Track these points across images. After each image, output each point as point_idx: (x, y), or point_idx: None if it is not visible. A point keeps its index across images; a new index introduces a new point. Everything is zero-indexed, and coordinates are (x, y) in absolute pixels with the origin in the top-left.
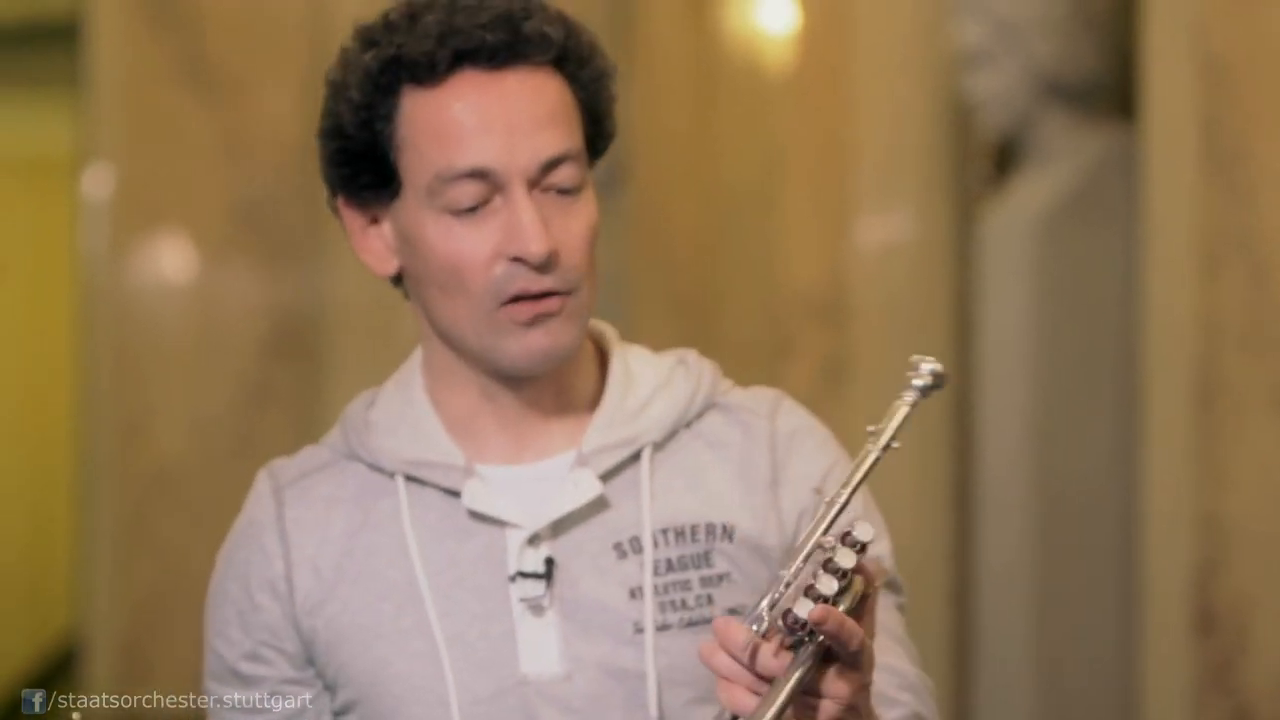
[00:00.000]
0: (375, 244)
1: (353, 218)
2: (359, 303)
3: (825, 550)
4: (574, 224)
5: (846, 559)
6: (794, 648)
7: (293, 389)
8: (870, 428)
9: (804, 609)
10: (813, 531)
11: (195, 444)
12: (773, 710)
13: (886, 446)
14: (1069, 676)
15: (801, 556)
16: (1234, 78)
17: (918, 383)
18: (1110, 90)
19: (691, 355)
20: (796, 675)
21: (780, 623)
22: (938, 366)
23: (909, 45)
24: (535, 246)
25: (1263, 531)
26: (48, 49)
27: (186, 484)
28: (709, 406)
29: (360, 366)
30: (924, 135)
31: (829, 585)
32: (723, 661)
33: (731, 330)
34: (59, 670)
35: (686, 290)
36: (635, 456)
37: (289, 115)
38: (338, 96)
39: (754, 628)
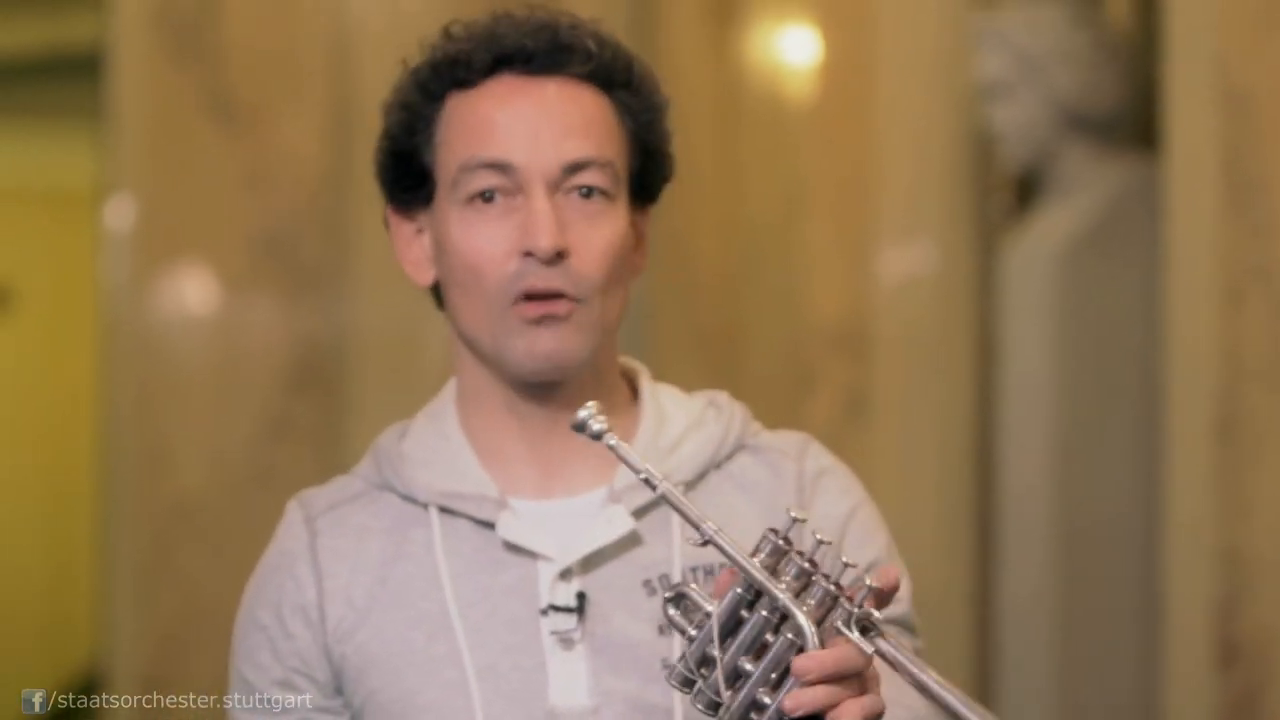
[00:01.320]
0: (417, 253)
1: (399, 226)
2: (380, 335)
3: (778, 549)
4: (595, 233)
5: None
6: (863, 630)
7: (313, 421)
8: (641, 476)
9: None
10: (737, 563)
11: (216, 476)
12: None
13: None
14: (1092, 709)
15: (769, 576)
16: (1255, 110)
17: (597, 427)
18: (1131, 122)
19: (723, 397)
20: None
21: (850, 614)
22: (590, 406)
23: (930, 78)
24: (544, 241)
25: None
26: (70, 80)
27: (207, 515)
28: (739, 448)
29: (381, 399)
30: (945, 167)
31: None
32: (828, 691)
33: (754, 362)
34: (80, 704)
35: (709, 323)
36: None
37: (311, 147)
38: (391, 105)
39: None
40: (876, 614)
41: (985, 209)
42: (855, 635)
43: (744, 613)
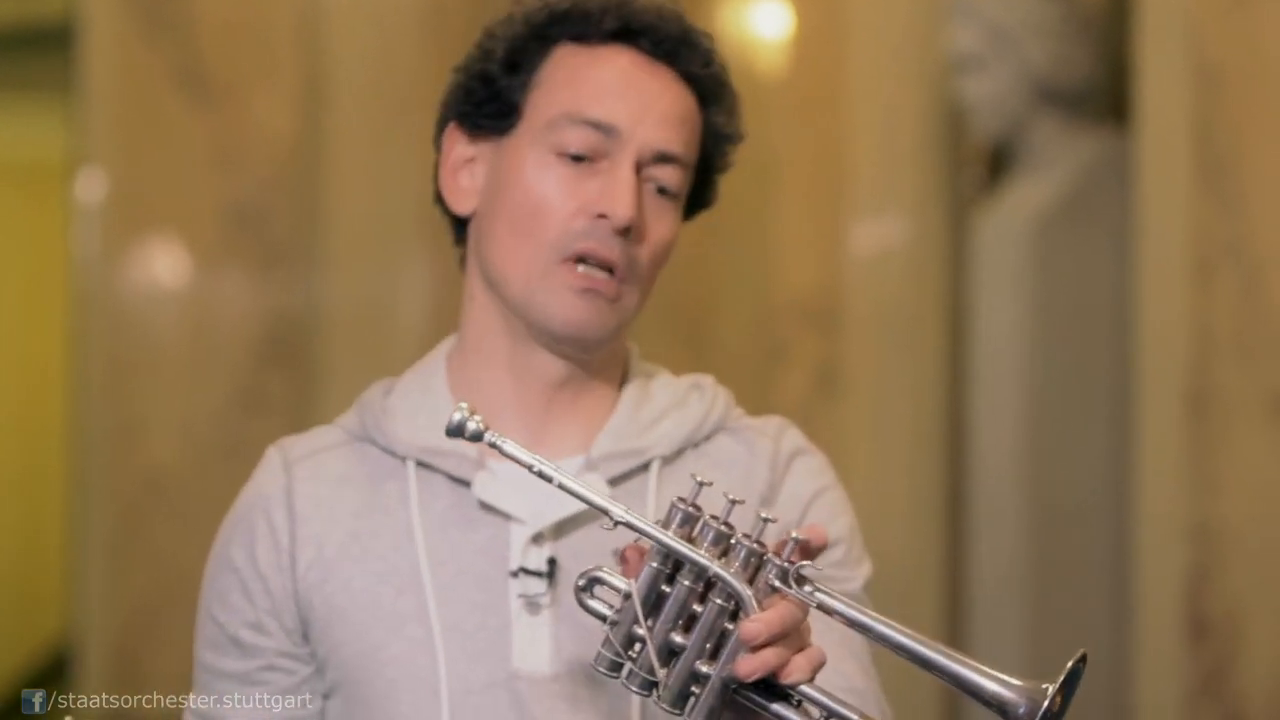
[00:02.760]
0: (464, 181)
1: (454, 148)
2: (351, 309)
3: (689, 515)
4: (658, 226)
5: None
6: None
7: (285, 395)
8: (535, 468)
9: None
10: (656, 539)
11: (187, 449)
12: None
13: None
14: None
15: (689, 546)
16: (1226, 84)
17: (474, 426)
18: (1103, 95)
19: (707, 380)
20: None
21: (783, 568)
22: (464, 407)
23: (902, 51)
24: (623, 209)
25: (1255, 537)
26: (41, 54)
27: (179, 489)
28: (719, 430)
29: (352, 372)
30: (917, 140)
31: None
32: (777, 652)
33: (725, 337)
34: (51, 675)
35: (680, 297)
36: (644, 468)
37: (282, 121)
38: (496, 33)
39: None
40: (807, 564)
41: (957, 182)
42: (793, 589)
43: (665, 587)
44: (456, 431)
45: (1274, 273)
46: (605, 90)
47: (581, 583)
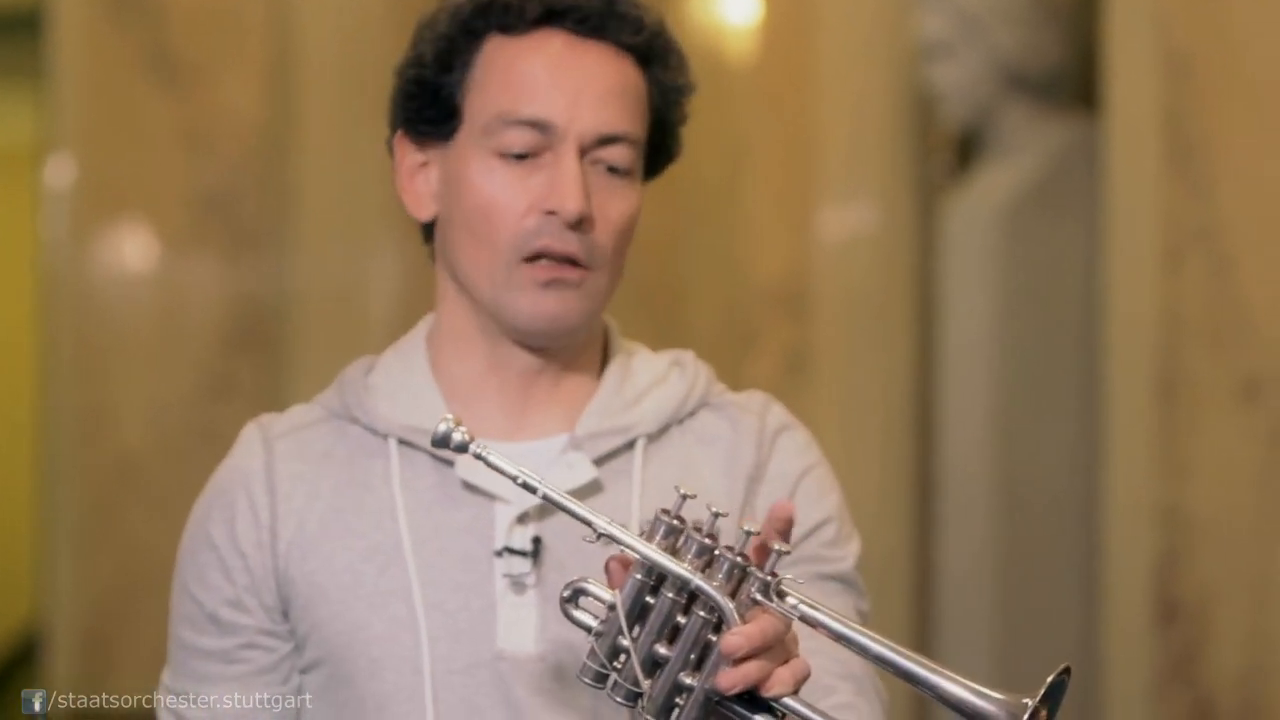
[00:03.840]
0: (420, 187)
1: (405, 156)
2: (320, 294)
3: (672, 528)
4: (613, 206)
5: (693, 511)
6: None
7: (254, 379)
8: (520, 482)
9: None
10: (640, 554)
11: (156, 434)
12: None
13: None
14: (1031, 667)
15: (671, 559)
16: (1195, 70)
17: (459, 437)
18: (1072, 82)
19: (688, 356)
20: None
21: (765, 581)
22: (449, 417)
23: (871, 37)
24: (571, 204)
25: (1223, 523)
26: (9, 39)
27: (147, 474)
28: (702, 406)
29: (321, 358)
30: (886, 127)
31: (782, 544)
32: (759, 665)
33: (695, 322)
34: (20, 662)
35: (650, 283)
36: (629, 446)
37: (250, 106)
38: (425, 34)
39: (728, 627)
40: (790, 576)
41: (926, 168)
42: (774, 603)
43: (649, 599)
44: (442, 443)
45: (1243, 259)
46: (536, 84)
47: (566, 594)
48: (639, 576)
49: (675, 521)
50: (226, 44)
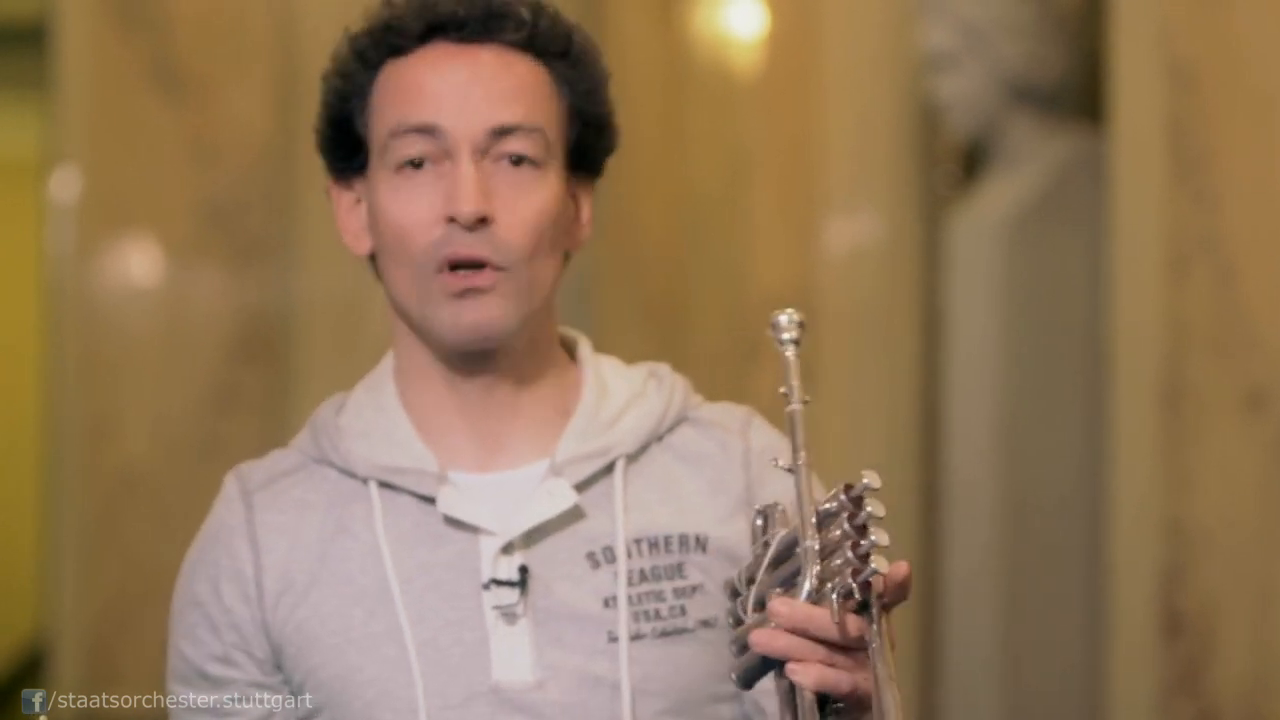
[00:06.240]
0: (355, 224)
1: (339, 195)
2: (326, 305)
3: (841, 507)
4: (523, 200)
5: (878, 507)
6: (859, 609)
7: (259, 391)
8: (781, 389)
9: (883, 565)
10: (799, 501)
11: (161, 446)
12: (892, 670)
13: (804, 401)
14: (1036, 680)
15: (813, 524)
16: (1200, 81)
17: (787, 337)
18: (1077, 93)
19: (664, 368)
20: (885, 632)
21: (847, 587)
22: (795, 315)
23: (876, 48)
24: (466, 205)
25: (1229, 534)
26: (15, 51)
27: (153, 486)
28: (680, 420)
29: (327, 369)
30: (891, 138)
31: (883, 536)
32: (789, 642)
33: (699, 334)
34: (25, 673)
35: (654, 295)
36: (608, 468)
37: (256, 117)
38: (330, 74)
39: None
40: (873, 595)
41: (931, 180)
42: (834, 599)
43: (798, 550)
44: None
45: (1248, 269)
46: (421, 93)
47: (760, 508)
48: (788, 531)
49: (844, 505)
50: (232, 56)
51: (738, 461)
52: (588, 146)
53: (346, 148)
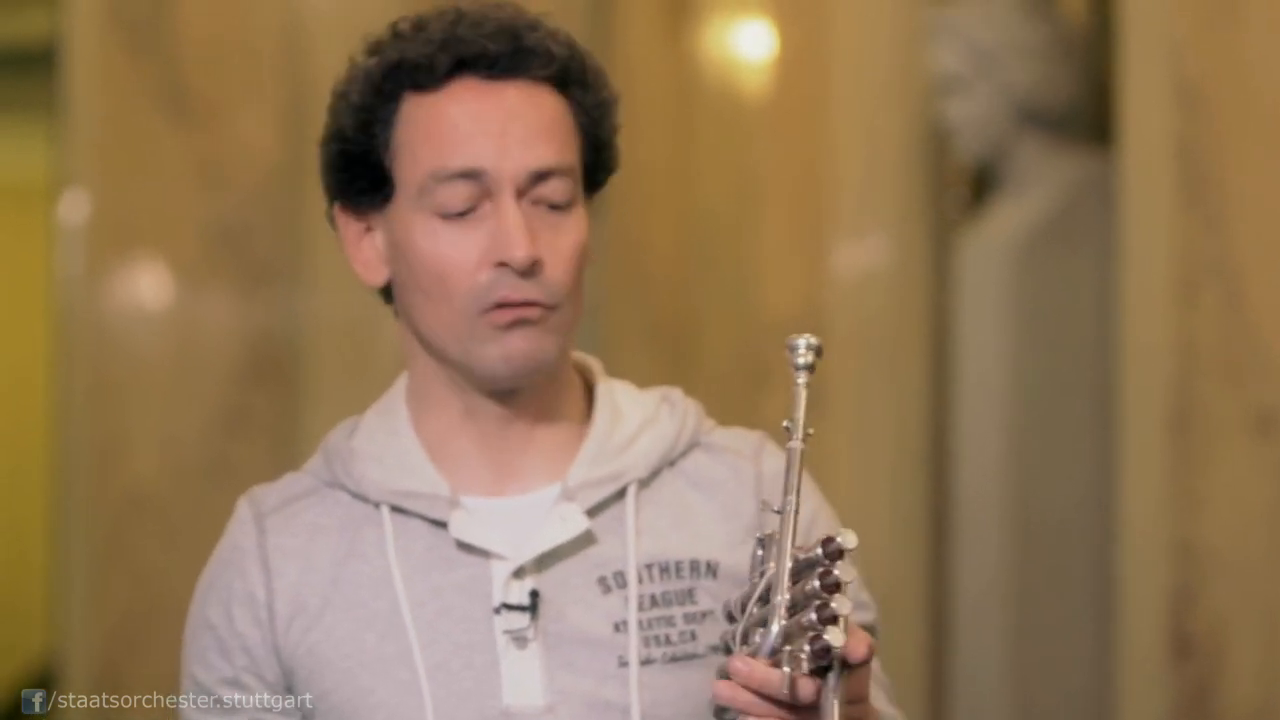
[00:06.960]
0: (368, 253)
1: (347, 225)
2: (336, 328)
3: (816, 565)
4: (561, 240)
5: (846, 572)
6: (817, 671)
7: (269, 414)
8: (785, 423)
9: (837, 638)
10: (779, 549)
11: (171, 468)
12: None
13: (806, 436)
14: (1045, 701)
15: (787, 576)
16: (1209, 104)
17: (802, 361)
18: (1086, 117)
19: (676, 393)
20: (838, 699)
21: (805, 651)
22: (813, 339)
23: (885, 72)
24: (520, 252)
25: (1239, 556)
26: (25, 74)
27: (162, 508)
28: (693, 445)
29: (337, 392)
30: (900, 162)
31: (844, 605)
32: (748, 699)
33: (708, 358)
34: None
35: (663, 318)
36: (620, 493)
37: (265, 140)
38: (340, 103)
39: (758, 655)
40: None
41: (940, 203)
42: (786, 670)
43: (773, 599)
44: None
45: (1257, 291)
46: (459, 135)
47: (760, 536)
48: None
49: (821, 558)
50: (241, 78)
51: (750, 487)
52: (595, 168)
53: (365, 180)
